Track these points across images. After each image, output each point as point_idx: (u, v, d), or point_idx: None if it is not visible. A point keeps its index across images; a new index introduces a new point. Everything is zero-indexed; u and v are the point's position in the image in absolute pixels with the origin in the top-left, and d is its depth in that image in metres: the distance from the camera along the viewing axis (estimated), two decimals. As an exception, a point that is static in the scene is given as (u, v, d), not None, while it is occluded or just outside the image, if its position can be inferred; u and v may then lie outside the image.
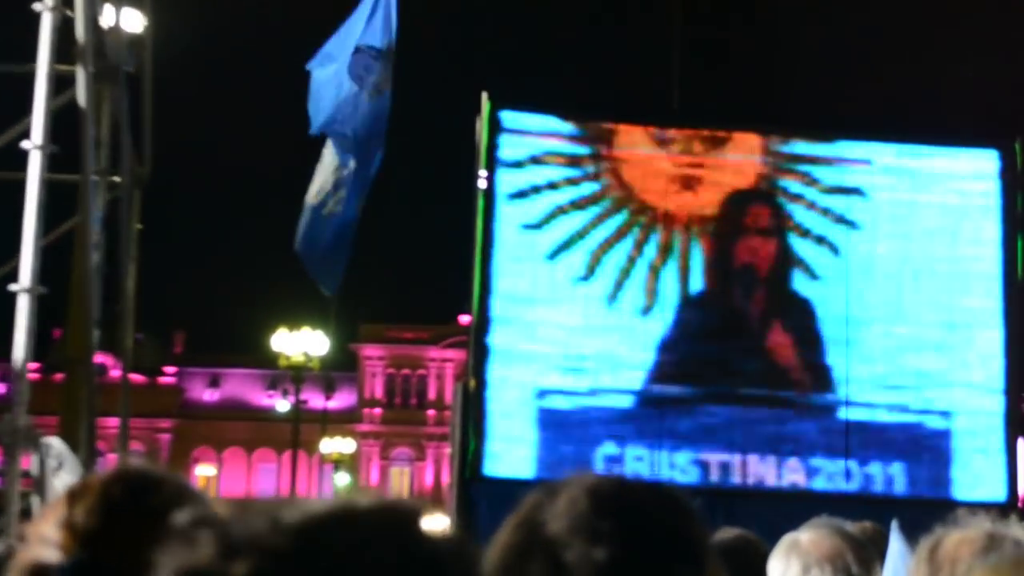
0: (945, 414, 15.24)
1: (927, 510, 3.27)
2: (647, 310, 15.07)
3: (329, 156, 12.51)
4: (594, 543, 1.77)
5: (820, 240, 15.40)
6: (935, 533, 2.76)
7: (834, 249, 15.40)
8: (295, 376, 38.59)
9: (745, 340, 15.23)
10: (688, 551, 1.83)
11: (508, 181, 15.07)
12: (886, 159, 15.61)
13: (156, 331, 67.07)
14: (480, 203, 14.94)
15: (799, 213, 15.49)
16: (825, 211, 15.45)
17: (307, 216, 12.49)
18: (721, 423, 14.96)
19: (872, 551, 3.70)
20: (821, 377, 15.31)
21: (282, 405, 64.78)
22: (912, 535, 2.98)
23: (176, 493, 2.27)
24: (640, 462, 14.63)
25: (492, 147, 14.99)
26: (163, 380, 73.22)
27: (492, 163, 14.99)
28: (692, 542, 1.84)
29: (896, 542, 3.28)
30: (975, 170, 15.69)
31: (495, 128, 15.01)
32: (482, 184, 14.97)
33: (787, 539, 3.74)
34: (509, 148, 15.10)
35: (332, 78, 11.91)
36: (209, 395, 75.70)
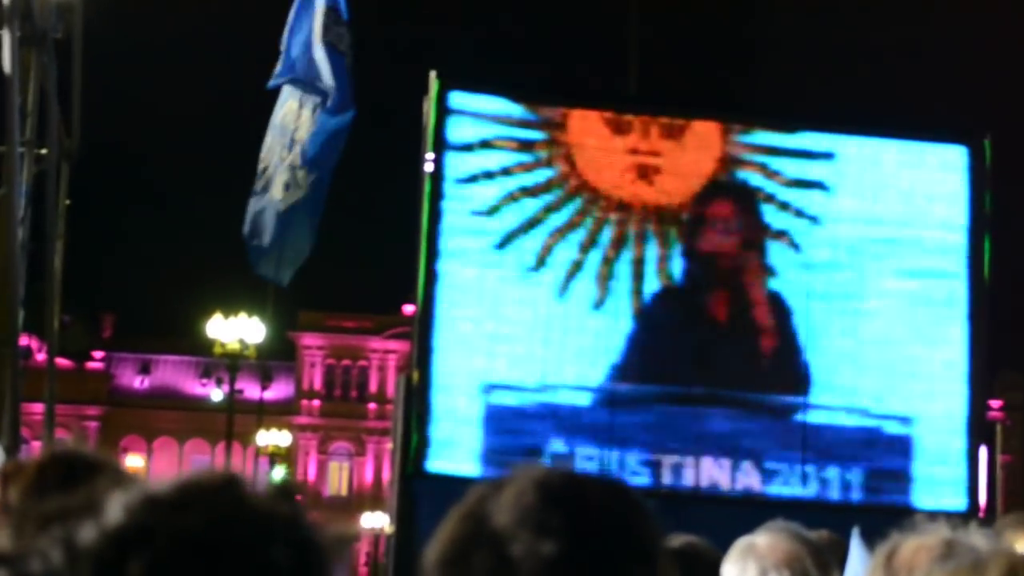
0: (905, 419, 14.92)
1: (885, 517, 3.12)
2: (599, 304, 14.69)
3: (270, 139, 12.38)
4: (541, 536, 1.73)
5: (780, 235, 15.05)
6: (892, 539, 2.75)
7: (794, 245, 15.05)
8: (230, 364, 38.13)
9: (700, 338, 14.86)
10: (639, 547, 1.79)
11: (457, 165, 14.65)
12: (850, 152, 15.26)
13: (84, 313, 66.09)
14: (427, 187, 14.51)
15: (759, 207, 15.12)
16: (785, 205, 15.12)
17: (254, 204, 12.27)
18: (674, 423, 14.62)
19: (830, 556, 3.67)
20: (778, 378, 14.99)
21: (216, 394, 64.32)
22: (870, 542, 2.98)
23: (114, 478, 2.21)
24: (590, 461, 14.29)
25: (440, 129, 14.58)
26: (91, 365, 72.15)
27: (440, 146, 14.57)
28: (643, 538, 1.81)
29: (857, 548, 3.30)
30: (942, 166, 15.36)
31: (444, 109, 14.60)
32: (429, 167, 14.56)
33: (742, 542, 3.68)
34: (458, 131, 14.68)
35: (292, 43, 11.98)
36: (139, 382, 74.79)
